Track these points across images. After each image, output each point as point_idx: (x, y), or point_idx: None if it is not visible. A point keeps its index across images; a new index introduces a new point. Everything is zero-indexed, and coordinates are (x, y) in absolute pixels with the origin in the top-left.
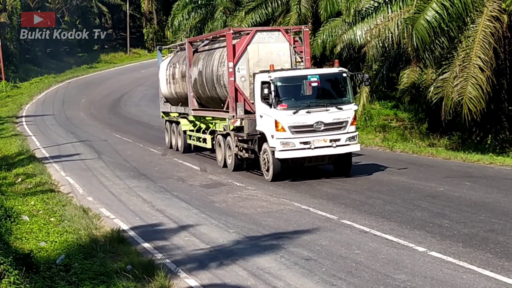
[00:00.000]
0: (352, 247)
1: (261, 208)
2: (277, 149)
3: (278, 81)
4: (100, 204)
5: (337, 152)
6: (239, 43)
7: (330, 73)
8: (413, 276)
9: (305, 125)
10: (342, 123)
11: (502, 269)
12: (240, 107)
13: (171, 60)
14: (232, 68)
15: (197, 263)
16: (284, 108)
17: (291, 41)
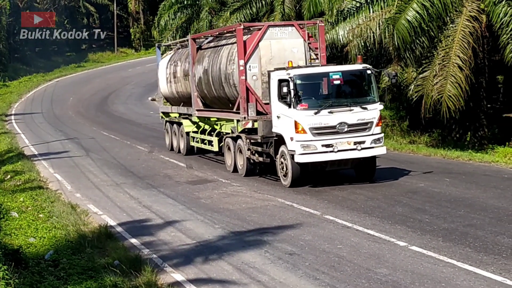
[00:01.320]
0: (335, 242)
1: (246, 204)
2: (297, 153)
3: (298, 79)
4: (88, 200)
5: (362, 155)
6: (250, 39)
7: (353, 70)
8: (394, 270)
9: (327, 126)
10: (367, 124)
11: (480, 263)
12: (251, 108)
13: (171, 58)
14: (243, 66)
15: (183, 258)
16: (304, 108)
17: (305, 37)
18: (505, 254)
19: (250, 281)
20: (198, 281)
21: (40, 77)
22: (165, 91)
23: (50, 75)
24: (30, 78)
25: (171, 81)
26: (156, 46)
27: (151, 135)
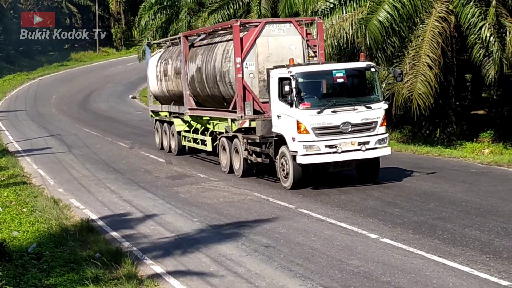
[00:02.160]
0: (309, 234)
1: (223, 198)
2: (299, 154)
3: (300, 77)
4: (70, 195)
5: (366, 156)
6: (246, 36)
7: (357, 67)
8: (366, 261)
9: (331, 126)
10: (371, 123)
11: (449, 255)
12: (248, 107)
13: (161, 56)
14: (240, 64)
15: (162, 251)
16: (307, 107)
17: (303, 34)
18: (472, 246)
19: (227, 273)
20: (177, 273)
21: (23, 75)
22: (155, 89)
23: (33, 74)
24: (14, 77)
25: (161, 80)
26: (146, 44)
27: (132, 132)
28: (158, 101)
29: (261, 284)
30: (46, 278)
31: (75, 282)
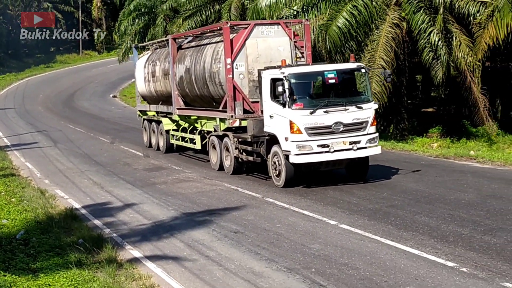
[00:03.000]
0: (274, 221)
1: (196, 188)
2: (292, 153)
3: (292, 78)
4: (56, 186)
5: (357, 155)
6: (236, 37)
7: (348, 68)
8: (326, 245)
9: (323, 126)
10: (362, 123)
11: (401, 239)
12: (239, 106)
13: (149, 58)
14: (230, 65)
15: (140, 237)
16: (300, 107)
17: (291, 35)
18: (422, 231)
19: (199, 257)
20: (153, 257)
21: (12, 76)
22: (142, 90)
23: (21, 75)
24: (3, 77)
25: (149, 80)
26: (133, 47)
27: (112, 128)
28: (145, 101)
29: (230, 267)
30: (33, 262)
31: (60, 265)
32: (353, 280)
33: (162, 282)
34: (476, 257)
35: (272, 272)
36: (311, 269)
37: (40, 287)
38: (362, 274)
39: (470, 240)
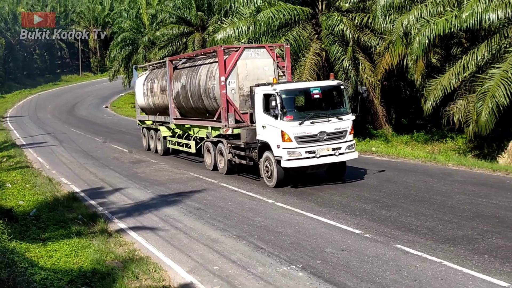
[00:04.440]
0: (227, 200)
1: (168, 176)
2: (284, 158)
3: (283, 94)
4: (61, 175)
5: (339, 160)
6: (229, 59)
7: (330, 85)
8: (265, 218)
9: (310, 135)
10: (342, 132)
11: (320, 213)
12: (231, 117)
13: (147, 77)
14: (224, 82)
15: (125, 213)
16: (290, 119)
17: (274, 57)
18: (336, 207)
19: (170, 227)
20: (135, 228)
21: (27, 91)
22: (142, 103)
23: (34, 90)
24: (20, 92)
25: (148, 95)
26: (133, 67)
27: (104, 131)
28: (144, 112)
29: (194, 235)
30: (43, 233)
31: (64, 235)
32: (285, 244)
33: (142, 247)
34: (376, 226)
35: (225, 239)
36: (254, 236)
37: (48, 252)
38: (292, 239)
39: (371, 214)
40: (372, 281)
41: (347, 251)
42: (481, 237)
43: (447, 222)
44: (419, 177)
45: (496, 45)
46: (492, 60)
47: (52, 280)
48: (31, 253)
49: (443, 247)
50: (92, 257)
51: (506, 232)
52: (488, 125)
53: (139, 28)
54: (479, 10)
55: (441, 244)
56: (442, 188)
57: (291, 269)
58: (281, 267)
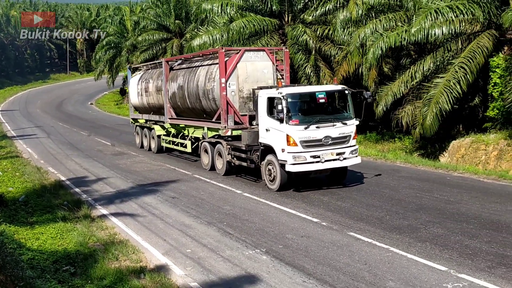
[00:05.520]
0: (199, 190)
1: (147, 168)
2: (289, 162)
3: (289, 98)
4: (48, 165)
5: (344, 164)
6: (229, 61)
7: (334, 89)
8: (234, 207)
9: (315, 140)
10: (346, 137)
11: (283, 203)
12: (231, 119)
13: (142, 77)
14: (224, 84)
15: (107, 200)
16: (296, 123)
17: (273, 60)
18: (297, 198)
19: (148, 214)
20: (116, 214)
21: (18, 88)
22: (135, 102)
23: (24, 87)
24: (11, 88)
25: (142, 95)
26: (128, 68)
27: (89, 125)
28: (137, 111)
29: (169, 221)
30: (30, 217)
31: (50, 220)
32: (251, 230)
33: (122, 231)
34: (332, 216)
35: (197, 225)
36: (223, 222)
37: (35, 234)
38: (257, 226)
39: (328, 204)
40: (327, 264)
41: (306, 237)
42: (423, 227)
43: (394, 213)
44: (371, 172)
45: (441, 57)
46: (437, 71)
47: (38, 260)
48: (20, 236)
49: (390, 235)
50: (76, 240)
51: (446, 222)
52: (432, 127)
53: (123, 33)
54: (426, 26)
55: (389, 232)
56: (390, 183)
57: (256, 252)
58: (247, 251)
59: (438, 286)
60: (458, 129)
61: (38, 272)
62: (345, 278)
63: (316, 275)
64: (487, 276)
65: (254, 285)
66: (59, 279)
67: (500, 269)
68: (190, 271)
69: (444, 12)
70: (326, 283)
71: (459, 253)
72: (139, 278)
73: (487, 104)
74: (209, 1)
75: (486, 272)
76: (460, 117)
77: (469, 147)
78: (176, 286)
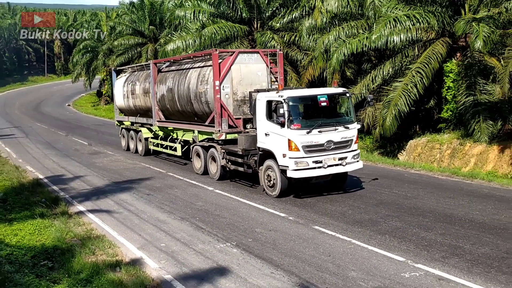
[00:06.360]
0: (173, 187)
1: (123, 166)
2: (290, 168)
3: (291, 101)
4: (27, 163)
5: (346, 170)
6: (223, 63)
7: (336, 93)
8: (206, 203)
9: (317, 144)
10: (348, 141)
11: (252, 199)
12: (225, 122)
13: (128, 79)
14: (218, 86)
15: (84, 197)
16: (298, 127)
17: (267, 63)
18: (264, 193)
19: (124, 210)
20: (93, 210)
21: None
22: (121, 104)
23: (2, 89)
24: None
25: (128, 97)
26: (112, 70)
27: (67, 126)
28: (123, 113)
29: (144, 217)
30: (9, 214)
31: (28, 216)
32: (222, 225)
33: (99, 227)
34: (298, 210)
35: (171, 220)
36: (196, 218)
37: (14, 230)
38: (228, 221)
39: (294, 200)
40: (294, 256)
41: (274, 231)
42: (383, 220)
43: (356, 207)
44: None
45: (399, 63)
46: (395, 75)
47: (16, 255)
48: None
49: (352, 228)
50: (54, 236)
51: (404, 216)
52: (391, 128)
53: (99, 37)
54: (386, 33)
55: (351, 226)
56: (352, 180)
57: (226, 246)
58: (218, 244)
59: (396, 275)
60: (415, 130)
61: (16, 267)
62: (310, 269)
63: (283, 267)
64: (441, 266)
65: (225, 277)
66: (37, 273)
67: (453, 259)
68: (164, 264)
69: (402, 21)
70: (292, 274)
71: (415, 245)
72: (115, 271)
73: (441, 106)
74: (182, 8)
75: (440, 262)
76: (417, 118)
77: (425, 146)
78: (151, 278)
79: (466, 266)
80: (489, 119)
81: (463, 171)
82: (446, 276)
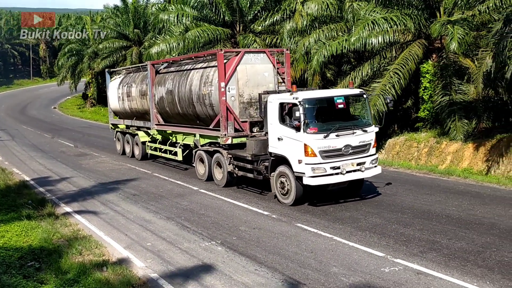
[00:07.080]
0: (159, 187)
1: (109, 167)
2: (307, 175)
3: (307, 103)
4: (13, 166)
5: (365, 175)
6: (228, 63)
7: (353, 94)
8: (191, 202)
9: (335, 149)
10: (366, 145)
11: (236, 198)
12: (231, 126)
13: (123, 80)
14: (224, 88)
15: (71, 198)
16: (314, 131)
17: (274, 63)
18: (250, 193)
19: (110, 210)
20: (79, 211)
21: None
22: (116, 107)
23: None
24: None
25: (124, 100)
26: (107, 72)
27: (52, 128)
28: (117, 116)
29: (130, 217)
30: None
31: (15, 218)
32: (207, 224)
33: (85, 227)
34: (281, 208)
35: (157, 220)
36: (181, 217)
37: (1, 232)
38: (212, 220)
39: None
40: (277, 253)
41: (258, 229)
42: (363, 217)
43: (337, 205)
44: None
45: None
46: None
47: (3, 256)
48: None
49: (334, 225)
50: (41, 237)
51: (383, 213)
52: None
53: (84, 41)
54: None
55: (332, 223)
56: None
57: (211, 244)
58: (203, 243)
59: (376, 270)
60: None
61: (3, 268)
62: (293, 265)
63: (267, 264)
64: (419, 260)
65: (210, 274)
66: (24, 274)
67: (431, 253)
68: (150, 263)
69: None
70: (276, 271)
71: (395, 240)
72: (102, 271)
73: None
74: (166, 12)
75: (418, 257)
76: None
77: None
78: (137, 277)
79: (443, 260)
80: (464, 118)
81: (440, 168)
82: (424, 270)
